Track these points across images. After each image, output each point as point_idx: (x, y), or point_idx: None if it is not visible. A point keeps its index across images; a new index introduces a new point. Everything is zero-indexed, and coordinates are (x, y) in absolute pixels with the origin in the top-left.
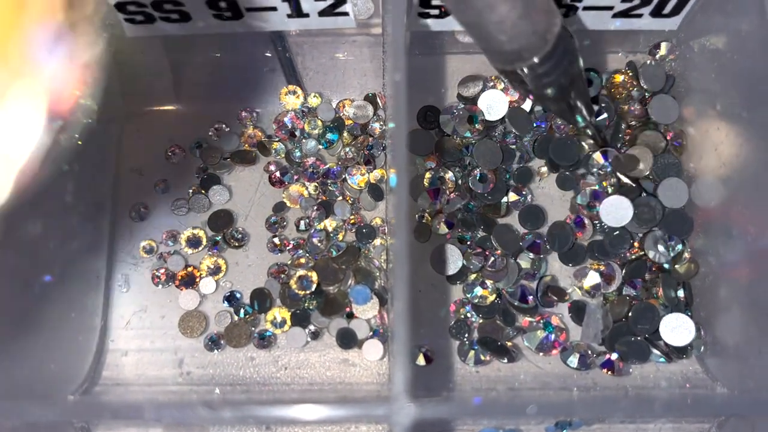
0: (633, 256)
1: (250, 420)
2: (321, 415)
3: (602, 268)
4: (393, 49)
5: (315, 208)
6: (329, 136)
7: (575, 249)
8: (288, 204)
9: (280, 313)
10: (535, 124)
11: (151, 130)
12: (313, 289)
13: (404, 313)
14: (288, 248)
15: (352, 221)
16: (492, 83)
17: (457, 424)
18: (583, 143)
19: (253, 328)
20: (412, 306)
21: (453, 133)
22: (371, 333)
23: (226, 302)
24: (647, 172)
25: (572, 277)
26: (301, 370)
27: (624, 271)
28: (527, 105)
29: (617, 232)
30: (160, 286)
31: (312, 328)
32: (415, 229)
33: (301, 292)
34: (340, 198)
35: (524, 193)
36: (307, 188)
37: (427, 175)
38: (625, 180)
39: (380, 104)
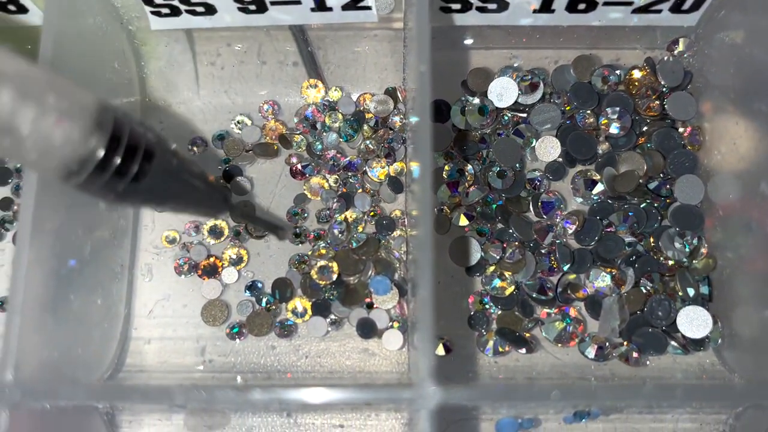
0: (641, 250)
1: (277, 403)
2: (347, 397)
3: (613, 270)
4: (418, 41)
5: (335, 200)
6: (349, 129)
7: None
8: (309, 195)
9: (301, 302)
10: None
11: (174, 122)
12: (333, 279)
13: (429, 299)
14: (309, 239)
15: (372, 213)
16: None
17: (477, 413)
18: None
19: (274, 318)
20: (436, 291)
21: (466, 127)
22: (391, 323)
23: (247, 291)
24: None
25: (583, 279)
26: (321, 358)
27: (636, 267)
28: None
29: (609, 239)
30: (183, 275)
31: (333, 317)
32: (435, 221)
33: (322, 282)
34: (360, 190)
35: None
36: (327, 180)
37: (446, 167)
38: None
39: (400, 98)
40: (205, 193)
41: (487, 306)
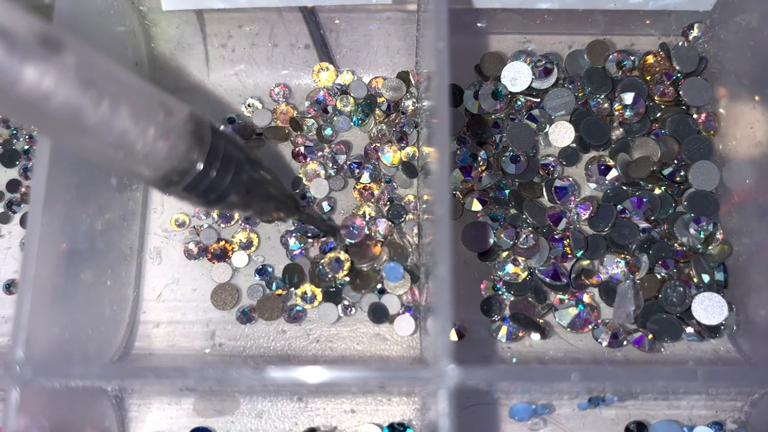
0: (655, 236)
1: (293, 382)
2: (363, 376)
3: (627, 257)
4: (436, 18)
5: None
6: (361, 114)
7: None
8: (304, 181)
9: (311, 288)
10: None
11: (184, 100)
12: (344, 271)
13: (447, 278)
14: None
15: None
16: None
17: (491, 398)
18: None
19: (284, 302)
20: (454, 275)
21: (479, 111)
22: (403, 309)
23: (257, 275)
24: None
25: (596, 265)
26: (332, 343)
27: (650, 253)
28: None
29: (623, 225)
30: (192, 259)
31: (344, 303)
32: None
33: (331, 276)
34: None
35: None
36: (326, 170)
37: (459, 152)
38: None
39: (413, 82)
40: (281, 200)
41: (500, 292)
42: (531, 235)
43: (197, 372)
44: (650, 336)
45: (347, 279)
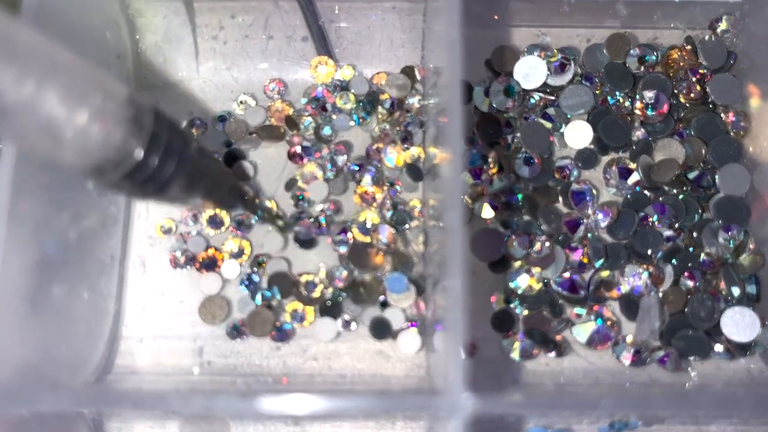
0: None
1: (288, 412)
2: (368, 406)
3: (650, 267)
4: (449, 6)
5: (328, 205)
6: (362, 112)
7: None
8: (300, 183)
9: (301, 305)
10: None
11: (172, 102)
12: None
13: (459, 294)
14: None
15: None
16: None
17: (504, 423)
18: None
19: (277, 316)
20: (468, 289)
21: (490, 109)
22: (407, 323)
23: (243, 286)
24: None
25: (617, 276)
26: (330, 361)
27: (674, 263)
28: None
29: (646, 233)
30: (179, 268)
31: (345, 317)
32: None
33: (317, 293)
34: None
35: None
36: (324, 172)
37: (468, 153)
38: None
39: (418, 78)
40: (226, 191)
41: (512, 305)
42: (546, 244)
43: (180, 399)
44: (676, 354)
45: (345, 294)
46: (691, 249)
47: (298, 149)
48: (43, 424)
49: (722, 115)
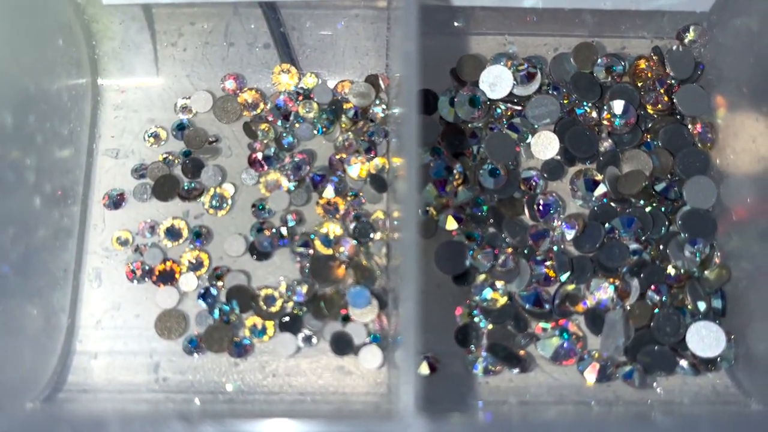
0: (647, 257)
1: None
2: (317, 430)
3: (616, 281)
4: (405, 17)
5: (290, 216)
6: (325, 121)
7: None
8: (263, 192)
9: (260, 320)
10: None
11: (129, 109)
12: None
13: (414, 316)
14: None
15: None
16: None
17: None
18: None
19: (235, 331)
20: (422, 309)
21: (455, 119)
22: (369, 338)
23: (201, 300)
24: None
25: (583, 290)
26: (290, 377)
27: (641, 277)
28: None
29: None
30: (136, 281)
31: (304, 332)
32: (420, 224)
33: (277, 307)
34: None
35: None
36: (289, 180)
37: (432, 164)
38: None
39: (383, 86)
40: None
41: (476, 319)
42: (511, 257)
43: (121, 425)
44: (641, 369)
45: (304, 309)
46: (657, 262)
47: (259, 156)
48: None
49: (689, 126)
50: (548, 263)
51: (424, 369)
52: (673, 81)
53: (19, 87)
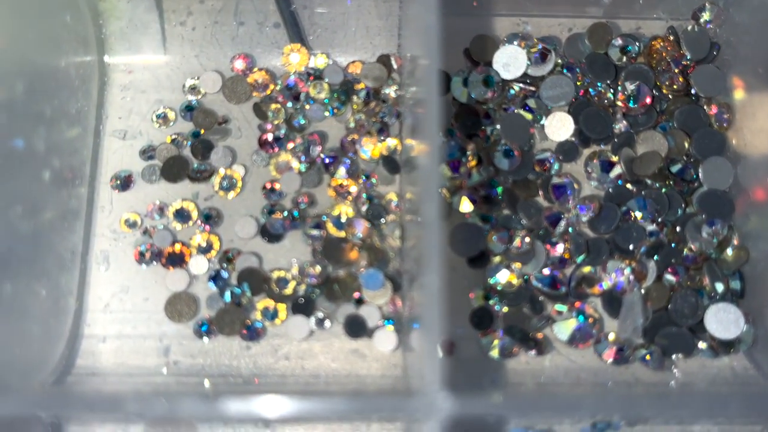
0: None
1: (257, 415)
2: (341, 408)
3: (632, 263)
4: None
5: (302, 198)
6: (336, 102)
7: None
8: (273, 173)
9: (272, 303)
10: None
11: (137, 89)
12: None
13: (438, 292)
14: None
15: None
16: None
17: (482, 423)
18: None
19: (247, 314)
20: (445, 286)
21: (468, 100)
22: (383, 321)
23: (211, 283)
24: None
25: (599, 272)
26: (304, 360)
27: (657, 258)
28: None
29: (628, 227)
30: (144, 264)
31: (317, 315)
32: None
33: (289, 290)
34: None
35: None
36: (300, 161)
37: (446, 145)
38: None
39: (395, 66)
40: None
41: (491, 302)
42: (526, 239)
43: (139, 402)
44: (659, 351)
45: (317, 292)
46: (673, 244)
47: (270, 137)
48: None
49: (705, 107)
50: (564, 245)
51: (440, 351)
52: (688, 61)
53: (26, 60)
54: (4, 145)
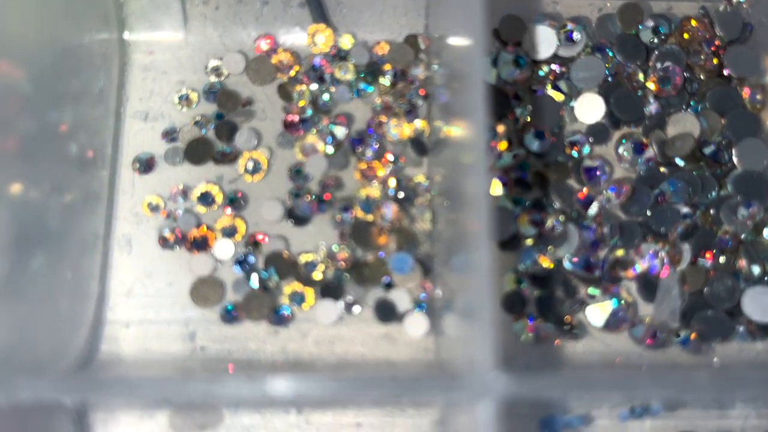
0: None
1: (303, 396)
2: (389, 389)
3: (666, 245)
4: None
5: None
6: (362, 83)
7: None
8: (298, 156)
9: (300, 286)
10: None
11: (158, 71)
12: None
13: (489, 267)
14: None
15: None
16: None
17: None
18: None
19: (274, 299)
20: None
21: (497, 81)
22: (413, 305)
23: (237, 267)
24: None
25: (632, 255)
26: (333, 345)
27: (692, 241)
28: None
29: (662, 210)
30: (168, 249)
31: (347, 299)
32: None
33: (317, 274)
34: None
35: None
36: (326, 144)
37: None
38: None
39: (422, 47)
40: None
41: (523, 286)
42: (559, 222)
43: (168, 387)
44: (695, 336)
45: (348, 273)
46: (709, 227)
47: (296, 119)
48: (21, 416)
49: (738, 88)
50: (597, 228)
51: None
52: (720, 42)
53: (53, 35)
54: (31, 122)
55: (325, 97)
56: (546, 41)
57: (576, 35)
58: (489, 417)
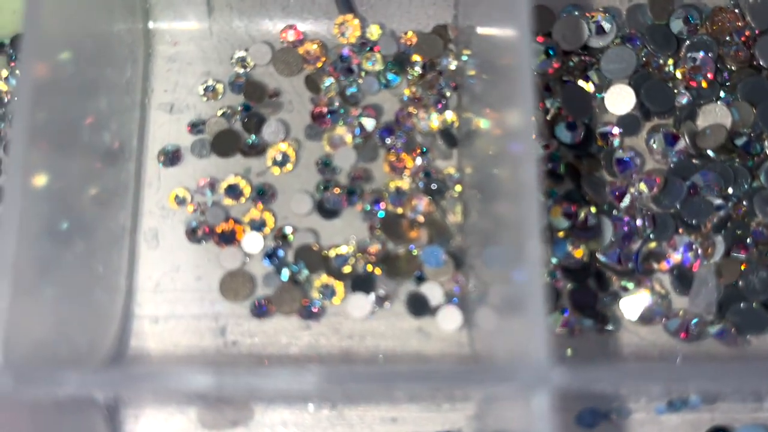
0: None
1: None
2: (444, 378)
3: (700, 237)
4: None
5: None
6: (391, 74)
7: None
8: (327, 148)
9: (330, 280)
10: None
11: (183, 62)
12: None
13: (540, 262)
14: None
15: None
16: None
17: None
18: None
19: (305, 292)
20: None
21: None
22: (445, 299)
23: (267, 260)
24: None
25: (665, 247)
26: (366, 340)
27: (726, 233)
28: None
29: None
30: (196, 242)
31: (378, 293)
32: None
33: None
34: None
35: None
36: (355, 136)
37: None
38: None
39: (451, 37)
40: None
41: (556, 278)
42: (592, 214)
43: (202, 381)
44: (734, 329)
45: (380, 266)
46: (743, 219)
47: (324, 110)
48: (55, 413)
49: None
50: (630, 220)
51: None
52: (751, 32)
53: (86, 24)
54: (66, 112)
55: (353, 88)
56: (576, 32)
57: (606, 25)
58: (544, 409)
